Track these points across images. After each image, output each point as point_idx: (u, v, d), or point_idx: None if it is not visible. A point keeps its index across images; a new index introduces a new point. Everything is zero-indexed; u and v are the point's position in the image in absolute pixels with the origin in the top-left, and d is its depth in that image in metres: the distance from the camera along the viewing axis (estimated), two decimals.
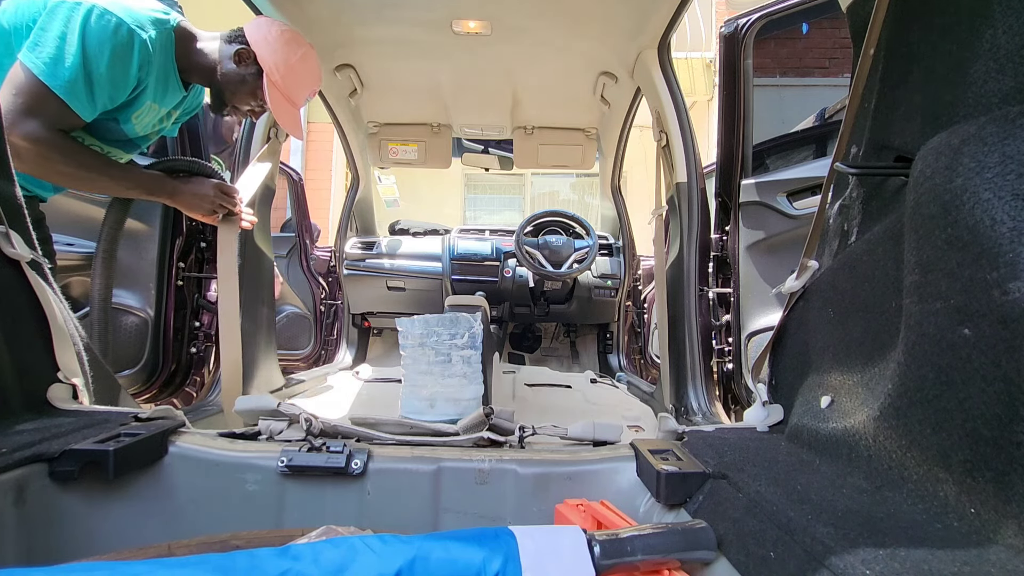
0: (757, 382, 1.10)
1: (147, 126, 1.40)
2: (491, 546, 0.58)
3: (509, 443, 0.96)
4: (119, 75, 1.19)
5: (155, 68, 1.28)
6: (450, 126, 2.82)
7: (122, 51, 1.18)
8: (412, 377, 1.26)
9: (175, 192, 1.41)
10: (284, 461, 0.83)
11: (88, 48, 1.14)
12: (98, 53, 1.15)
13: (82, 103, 1.17)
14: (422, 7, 1.78)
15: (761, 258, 1.74)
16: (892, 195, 0.81)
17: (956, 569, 0.47)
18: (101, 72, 1.16)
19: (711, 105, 6.74)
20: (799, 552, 0.54)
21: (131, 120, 1.33)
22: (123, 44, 1.17)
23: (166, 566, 0.51)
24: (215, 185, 1.45)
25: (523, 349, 3.26)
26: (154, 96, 1.33)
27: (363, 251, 2.95)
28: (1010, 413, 0.51)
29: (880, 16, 0.80)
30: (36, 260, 0.94)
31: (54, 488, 0.75)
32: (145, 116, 1.36)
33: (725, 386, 1.76)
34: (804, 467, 0.78)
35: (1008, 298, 0.51)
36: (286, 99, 1.42)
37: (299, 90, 1.44)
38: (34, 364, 0.93)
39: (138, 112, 1.33)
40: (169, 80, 1.36)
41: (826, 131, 2.02)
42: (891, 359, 0.69)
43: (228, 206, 1.48)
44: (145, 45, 1.21)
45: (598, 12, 1.77)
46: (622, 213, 3.03)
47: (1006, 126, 0.58)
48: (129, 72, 1.21)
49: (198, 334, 1.82)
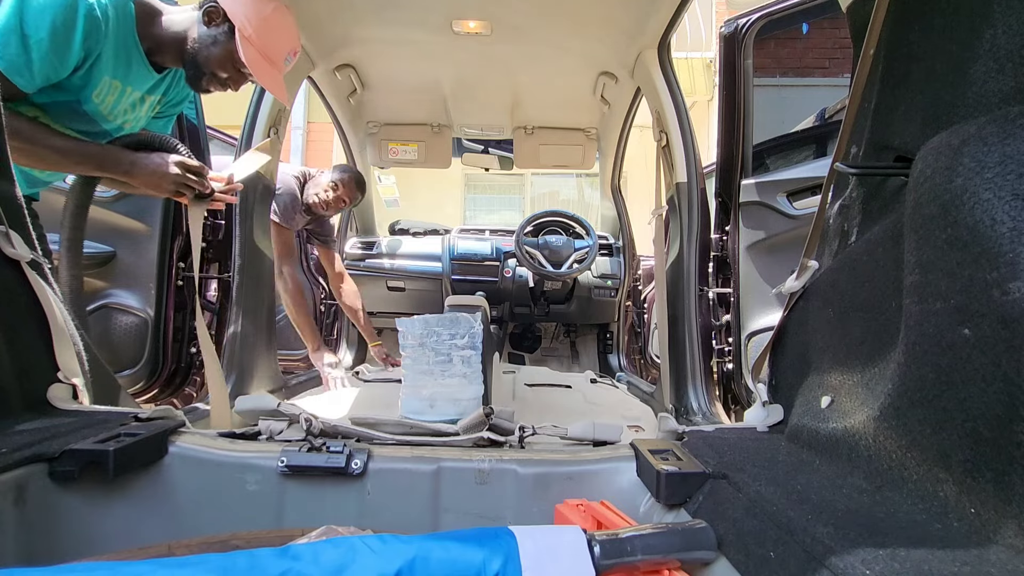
0: (757, 382, 1.10)
1: (115, 108, 1.31)
2: (491, 546, 0.58)
3: (509, 443, 0.96)
4: (61, 43, 1.11)
5: (110, 40, 1.19)
6: (450, 126, 2.82)
7: (63, 16, 1.09)
8: (412, 377, 1.26)
9: (132, 167, 1.28)
10: (284, 461, 0.83)
11: (25, 13, 1.07)
12: (37, 18, 1.07)
13: (18, 70, 1.09)
14: (422, 7, 1.78)
15: (761, 258, 1.74)
16: (892, 195, 0.81)
17: (956, 569, 0.47)
18: (40, 38, 1.08)
19: (711, 105, 6.74)
20: (799, 552, 0.54)
21: (92, 99, 1.24)
22: (64, 7, 1.09)
23: (166, 566, 0.51)
24: (178, 161, 1.31)
25: (523, 349, 3.26)
26: (114, 71, 1.24)
27: (363, 251, 2.95)
28: (1010, 413, 0.51)
29: (880, 16, 0.80)
30: (36, 260, 0.94)
31: (54, 488, 0.75)
32: (108, 94, 1.26)
33: (725, 386, 1.76)
34: (804, 467, 0.78)
35: (1008, 298, 0.51)
36: (264, 57, 1.31)
37: (276, 46, 1.33)
38: (34, 364, 0.93)
39: (97, 90, 1.23)
40: (132, 57, 1.26)
41: (826, 131, 2.02)
42: (891, 359, 0.69)
43: (195, 185, 1.34)
44: (92, 11, 1.13)
45: (598, 12, 1.77)
46: (622, 213, 3.03)
47: (1006, 126, 0.58)
48: (73, 40, 1.12)
49: (198, 334, 1.82)
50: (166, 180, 1.30)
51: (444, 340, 1.27)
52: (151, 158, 1.30)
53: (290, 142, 6.61)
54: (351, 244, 2.97)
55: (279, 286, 2.14)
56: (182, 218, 1.75)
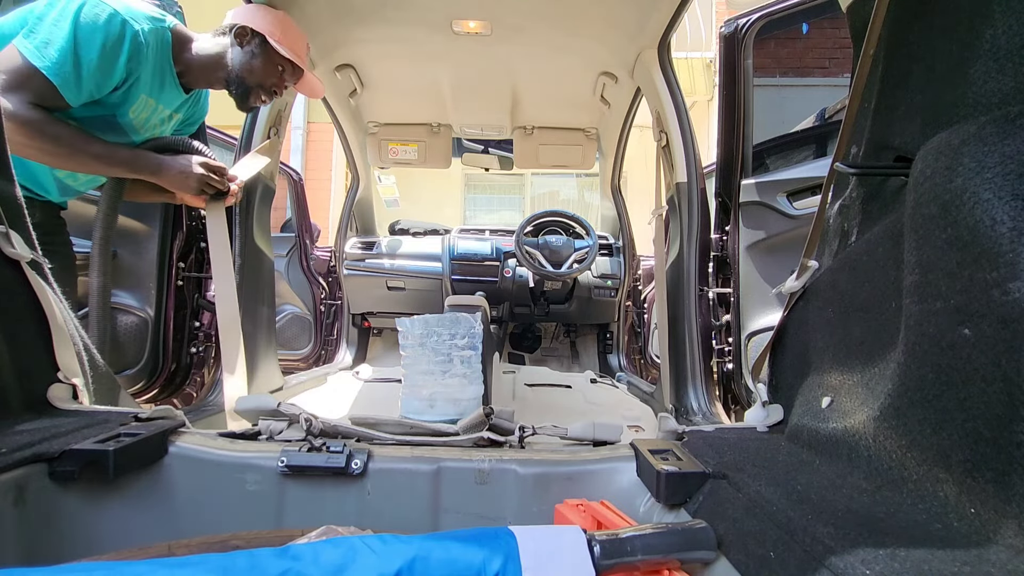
0: (757, 382, 1.09)
1: (147, 123, 1.41)
2: (491, 546, 0.58)
3: (509, 443, 0.96)
4: (108, 63, 1.21)
5: (149, 62, 1.29)
6: (450, 126, 2.82)
7: (113, 39, 1.20)
8: (412, 377, 1.26)
9: (160, 169, 1.39)
10: (284, 461, 0.82)
11: (79, 33, 1.17)
12: (89, 39, 1.17)
13: (68, 85, 1.18)
14: (422, 7, 1.78)
15: (761, 258, 1.74)
16: (892, 195, 0.81)
17: (956, 569, 0.47)
18: (91, 58, 1.18)
19: (711, 105, 6.74)
20: (799, 552, 0.54)
21: (128, 114, 1.34)
22: (114, 33, 1.20)
23: (166, 566, 0.51)
24: (202, 162, 1.43)
25: (523, 349, 3.26)
26: (150, 91, 1.34)
27: (363, 251, 2.95)
28: (1010, 413, 0.51)
29: (880, 16, 0.80)
30: (36, 260, 0.94)
31: (54, 488, 0.75)
32: (143, 111, 1.37)
33: (725, 386, 1.76)
34: (804, 467, 0.77)
35: (1008, 298, 0.51)
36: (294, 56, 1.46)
37: (299, 44, 1.48)
38: (34, 364, 0.93)
39: (135, 106, 1.34)
40: (166, 78, 1.37)
41: (826, 131, 2.02)
42: (891, 359, 0.69)
43: (216, 184, 1.46)
44: (137, 36, 1.23)
45: (598, 12, 1.77)
46: (622, 213, 3.03)
47: (1006, 126, 0.58)
48: (118, 61, 1.22)
49: (198, 334, 1.82)
50: (192, 179, 1.42)
51: (444, 340, 1.27)
52: (177, 159, 1.42)
53: (290, 142, 6.61)
54: (351, 244, 2.97)
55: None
56: (182, 218, 1.75)
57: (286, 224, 3.23)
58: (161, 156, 1.40)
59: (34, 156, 1.24)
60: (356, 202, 3.03)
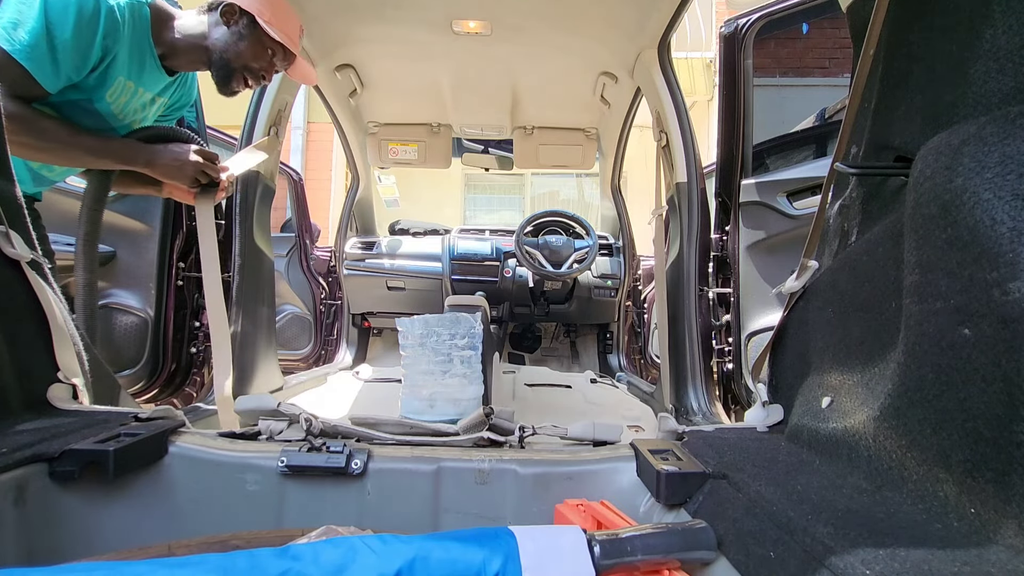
0: (757, 382, 1.09)
1: (126, 108, 1.33)
2: (491, 546, 0.58)
3: (509, 443, 0.96)
4: (84, 42, 1.13)
5: (126, 40, 1.21)
6: (450, 126, 2.82)
7: (87, 15, 1.12)
8: (412, 377, 1.26)
9: (152, 159, 1.31)
10: (284, 461, 0.83)
11: (50, 12, 1.08)
12: (61, 17, 1.09)
13: (44, 70, 1.11)
14: (422, 7, 1.78)
15: (761, 258, 1.74)
16: (892, 195, 0.81)
17: (956, 569, 0.47)
18: (65, 38, 1.10)
19: (711, 105, 6.74)
20: (799, 552, 0.54)
21: (105, 98, 1.26)
22: (88, 8, 1.12)
23: (166, 566, 0.51)
24: (196, 150, 1.35)
25: (523, 349, 3.26)
26: (128, 72, 1.26)
27: (363, 251, 2.95)
28: (1010, 413, 0.51)
29: (880, 16, 0.80)
30: (36, 260, 0.94)
31: (54, 488, 0.75)
32: (121, 95, 1.29)
33: (725, 386, 1.76)
34: (804, 467, 0.77)
35: (1008, 298, 0.51)
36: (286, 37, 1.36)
37: (291, 25, 1.38)
38: (34, 364, 0.93)
39: (112, 89, 1.26)
40: (145, 58, 1.29)
41: (826, 131, 2.02)
42: (891, 359, 0.69)
43: (211, 173, 1.38)
44: (112, 12, 1.15)
45: (598, 12, 1.77)
46: (622, 213, 3.03)
47: (1006, 126, 0.58)
48: (95, 39, 1.14)
49: (198, 334, 1.82)
50: (187, 167, 1.34)
51: (444, 340, 1.27)
52: (170, 148, 1.34)
53: (290, 142, 6.61)
54: (351, 244, 2.97)
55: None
56: (182, 218, 1.75)
57: (286, 224, 3.23)
58: (153, 145, 1.33)
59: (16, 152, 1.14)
60: (356, 202, 3.03)
